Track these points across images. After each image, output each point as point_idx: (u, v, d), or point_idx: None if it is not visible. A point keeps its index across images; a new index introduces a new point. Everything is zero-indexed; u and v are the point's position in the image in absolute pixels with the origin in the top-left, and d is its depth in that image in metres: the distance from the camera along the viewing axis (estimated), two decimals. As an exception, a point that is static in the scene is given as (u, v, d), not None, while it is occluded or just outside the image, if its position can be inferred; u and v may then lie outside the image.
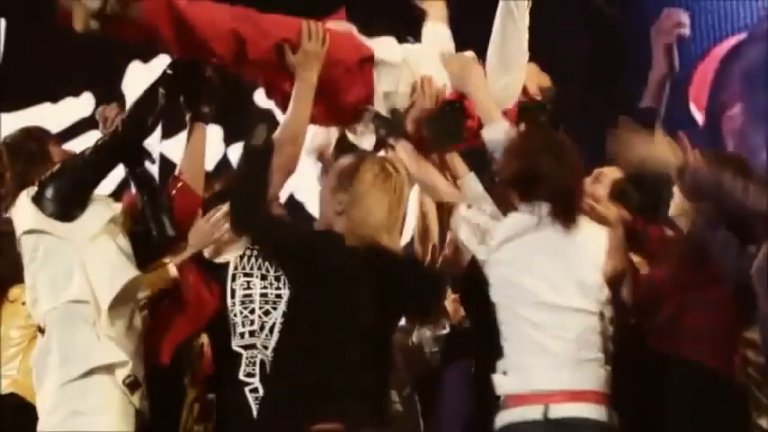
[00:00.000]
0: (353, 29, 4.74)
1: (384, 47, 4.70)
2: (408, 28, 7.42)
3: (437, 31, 4.85)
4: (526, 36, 4.43)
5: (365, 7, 7.52)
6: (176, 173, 4.43)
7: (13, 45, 7.52)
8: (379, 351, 3.86)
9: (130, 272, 4.13)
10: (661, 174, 4.33)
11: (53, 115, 7.53)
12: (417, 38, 7.43)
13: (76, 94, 7.65)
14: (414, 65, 4.66)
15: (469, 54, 4.60)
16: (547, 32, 7.13)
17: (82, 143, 7.65)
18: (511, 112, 4.53)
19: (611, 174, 4.36)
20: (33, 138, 4.43)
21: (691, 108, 7.56)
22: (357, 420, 3.71)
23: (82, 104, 7.65)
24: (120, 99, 7.64)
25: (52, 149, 4.42)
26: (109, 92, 7.58)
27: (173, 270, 4.36)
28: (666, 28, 4.60)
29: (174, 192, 4.41)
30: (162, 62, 7.56)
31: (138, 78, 7.63)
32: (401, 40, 7.40)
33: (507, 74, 4.46)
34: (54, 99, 7.61)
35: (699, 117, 7.33)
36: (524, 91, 4.65)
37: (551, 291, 3.85)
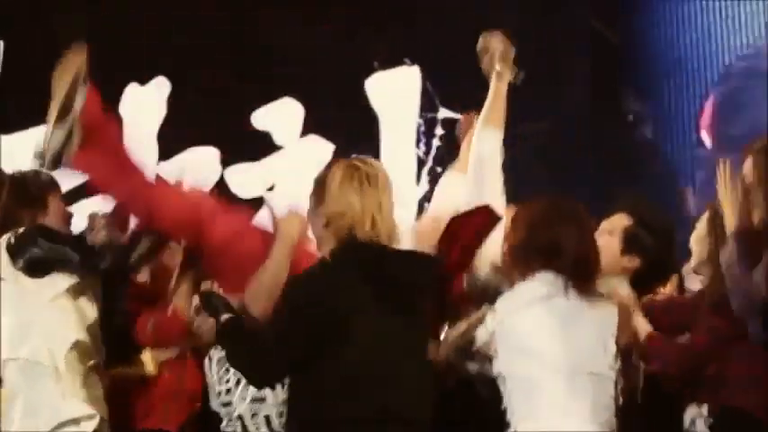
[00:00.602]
0: None
1: None
2: (408, 51, 7.51)
3: (454, 183, 4.63)
4: (501, 177, 4.36)
5: (367, 29, 7.62)
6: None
7: (11, 67, 7.52)
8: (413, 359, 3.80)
9: (76, 335, 4.15)
10: (667, 217, 4.43)
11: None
12: (415, 60, 7.51)
13: (74, 116, 7.64)
14: None
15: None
16: (548, 49, 7.22)
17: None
18: None
19: (620, 223, 4.36)
20: (38, 182, 4.44)
21: (702, 135, 7.59)
22: None
23: (79, 127, 7.64)
24: (118, 122, 7.70)
25: (51, 199, 4.44)
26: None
27: (149, 367, 4.67)
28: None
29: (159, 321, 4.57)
30: (159, 83, 7.63)
31: (136, 101, 7.62)
32: (400, 62, 7.48)
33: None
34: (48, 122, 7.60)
35: (708, 143, 7.34)
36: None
37: (572, 356, 3.88)
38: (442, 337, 4.15)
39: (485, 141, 4.36)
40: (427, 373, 3.83)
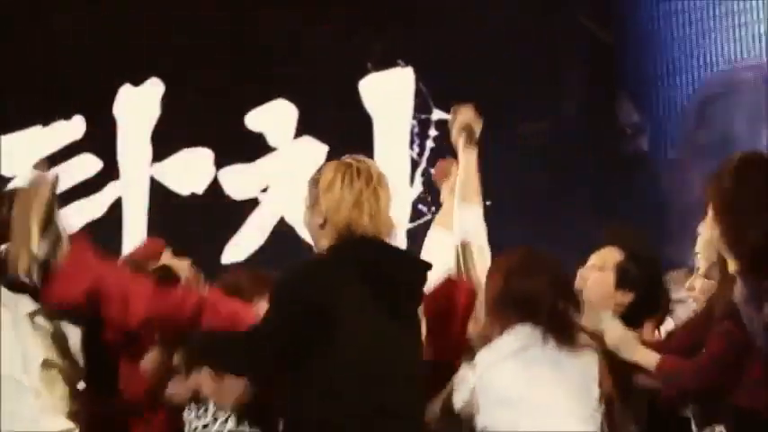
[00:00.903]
0: None
1: None
2: (408, 51, 7.49)
3: (441, 240, 4.56)
4: (486, 248, 4.29)
5: (366, 30, 7.59)
6: None
7: (11, 67, 7.52)
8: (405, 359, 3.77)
9: (46, 354, 4.13)
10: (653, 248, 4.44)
11: (44, 138, 7.56)
12: (413, 61, 7.49)
13: (67, 117, 7.63)
14: None
15: None
16: (548, 49, 7.18)
17: (72, 166, 7.69)
18: None
19: (611, 257, 4.32)
20: None
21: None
22: None
23: (73, 128, 7.64)
24: (112, 122, 7.69)
25: None
26: (100, 115, 7.59)
27: None
28: None
29: None
30: (153, 84, 7.62)
31: (130, 102, 7.61)
32: (394, 64, 7.46)
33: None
34: (45, 122, 7.61)
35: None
36: None
37: (555, 402, 3.87)
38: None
39: (465, 220, 4.29)
40: (423, 371, 3.80)
